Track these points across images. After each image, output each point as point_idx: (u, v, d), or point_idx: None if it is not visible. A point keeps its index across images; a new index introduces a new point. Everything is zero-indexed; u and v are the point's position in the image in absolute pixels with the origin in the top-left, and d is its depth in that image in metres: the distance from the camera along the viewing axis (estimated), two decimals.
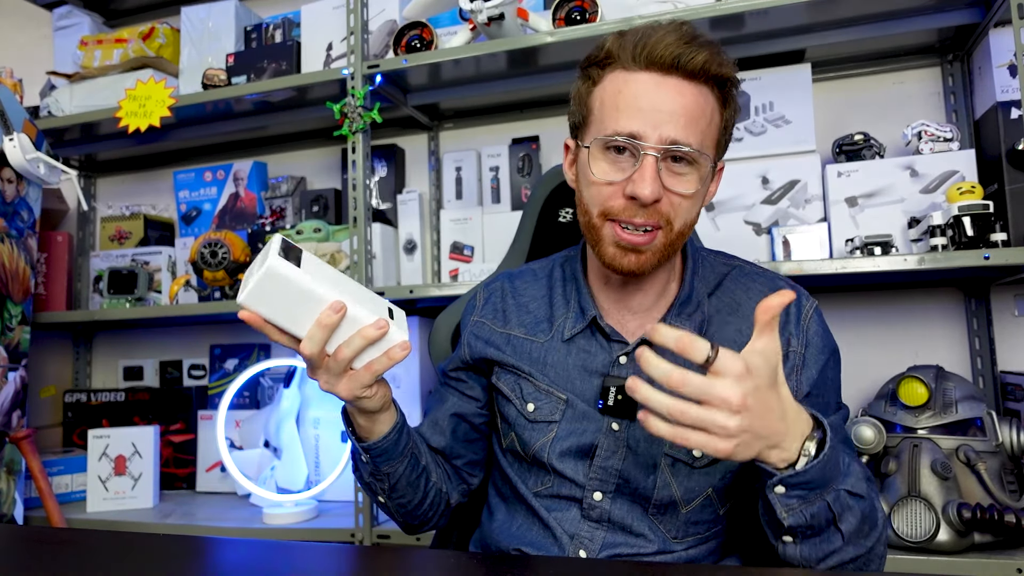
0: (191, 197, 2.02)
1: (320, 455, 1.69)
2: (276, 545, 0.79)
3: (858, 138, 1.42)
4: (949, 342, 1.52)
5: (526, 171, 1.72)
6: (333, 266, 1.64)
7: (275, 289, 0.67)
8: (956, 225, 1.24)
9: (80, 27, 2.00)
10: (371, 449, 0.82)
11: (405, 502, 0.88)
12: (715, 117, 0.80)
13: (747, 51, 1.50)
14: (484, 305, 0.96)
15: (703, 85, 0.78)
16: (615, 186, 0.78)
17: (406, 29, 1.56)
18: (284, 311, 0.69)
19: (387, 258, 1.74)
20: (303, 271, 0.67)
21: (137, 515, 1.65)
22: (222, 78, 1.72)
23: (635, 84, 0.77)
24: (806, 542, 0.71)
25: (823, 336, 0.84)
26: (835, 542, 0.71)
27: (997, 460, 1.19)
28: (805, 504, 0.69)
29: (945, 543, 1.12)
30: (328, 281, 0.70)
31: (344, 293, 0.70)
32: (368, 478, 0.86)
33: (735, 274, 0.89)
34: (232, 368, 1.97)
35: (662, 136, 0.76)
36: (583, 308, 0.88)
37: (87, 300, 2.08)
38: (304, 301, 0.68)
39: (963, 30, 1.44)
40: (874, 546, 0.74)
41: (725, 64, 0.78)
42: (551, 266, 0.96)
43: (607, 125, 0.78)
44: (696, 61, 0.76)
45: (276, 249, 0.67)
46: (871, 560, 0.75)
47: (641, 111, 0.76)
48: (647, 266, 0.79)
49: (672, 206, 0.78)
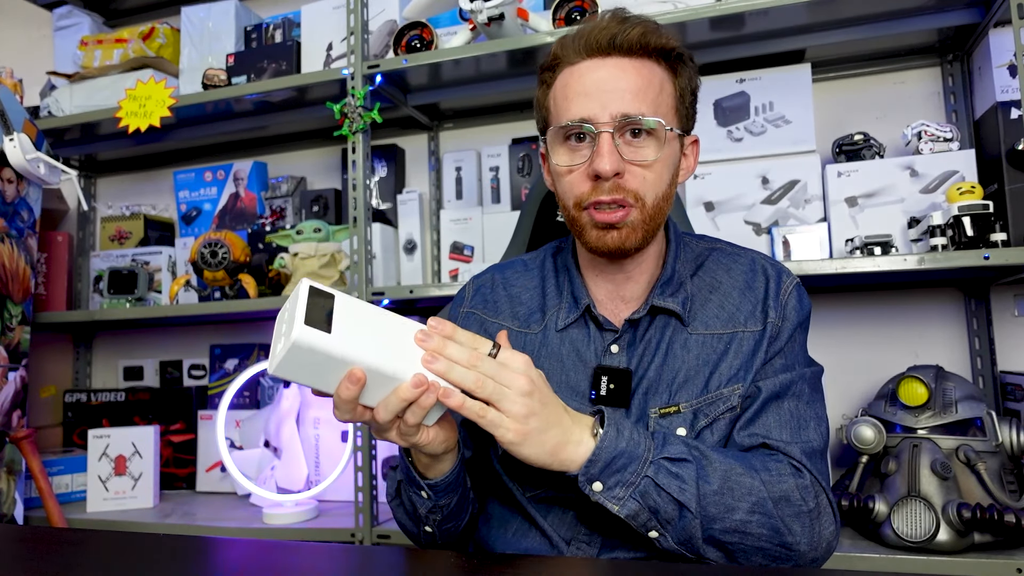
0: (191, 197, 2.01)
1: (320, 455, 1.68)
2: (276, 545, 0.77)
3: (858, 138, 1.42)
4: (949, 342, 1.51)
5: (526, 171, 1.72)
6: (333, 266, 1.66)
7: (304, 359, 0.62)
8: (956, 225, 1.24)
9: (80, 27, 2.00)
10: (435, 486, 0.79)
11: (451, 526, 0.86)
12: (666, 86, 0.82)
13: (747, 51, 1.49)
14: (474, 296, 0.96)
15: (645, 59, 0.80)
16: (578, 171, 0.80)
17: (406, 29, 1.56)
18: (316, 377, 0.65)
19: (387, 258, 1.74)
20: (333, 335, 0.62)
21: (137, 515, 1.65)
22: (222, 78, 1.72)
23: (579, 73, 0.81)
24: (668, 529, 0.72)
25: (798, 311, 0.86)
26: (687, 516, 0.71)
27: (997, 460, 1.19)
28: (628, 488, 0.71)
29: (945, 543, 1.12)
30: (362, 336, 0.64)
31: (381, 347, 0.65)
32: (424, 513, 0.82)
33: (715, 255, 0.91)
34: (232, 368, 1.97)
35: (612, 113, 0.78)
36: (576, 298, 0.88)
37: (87, 300, 2.08)
38: (335, 369, 0.64)
39: (963, 30, 1.43)
40: (754, 514, 0.72)
41: (662, 35, 0.81)
42: (542, 256, 0.97)
43: (561, 116, 0.81)
44: (631, 36, 0.79)
45: (301, 314, 0.61)
46: (766, 531, 0.73)
47: (588, 95, 0.79)
48: (629, 242, 0.81)
49: (638, 179, 0.79)
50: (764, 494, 0.73)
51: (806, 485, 0.75)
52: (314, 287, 0.64)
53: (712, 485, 0.72)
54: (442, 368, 0.67)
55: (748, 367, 0.83)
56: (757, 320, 0.84)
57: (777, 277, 0.87)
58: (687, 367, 0.83)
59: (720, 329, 0.85)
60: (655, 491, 0.71)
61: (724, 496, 0.72)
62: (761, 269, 0.88)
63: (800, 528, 0.74)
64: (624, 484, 0.71)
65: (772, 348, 0.84)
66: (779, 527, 0.73)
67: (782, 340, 0.84)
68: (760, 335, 0.84)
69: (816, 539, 0.75)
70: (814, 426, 0.81)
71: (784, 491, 0.74)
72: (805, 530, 0.74)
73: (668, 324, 0.85)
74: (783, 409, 0.81)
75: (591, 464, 0.71)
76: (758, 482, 0.74)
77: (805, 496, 0.75)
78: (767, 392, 0.81)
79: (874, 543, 1.20)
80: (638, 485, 0.71)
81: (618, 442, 0.71)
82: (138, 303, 1.84)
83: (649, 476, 0.71)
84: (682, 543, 0.73)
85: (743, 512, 0.72)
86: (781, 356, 0.84)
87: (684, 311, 0.85)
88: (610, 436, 0.72)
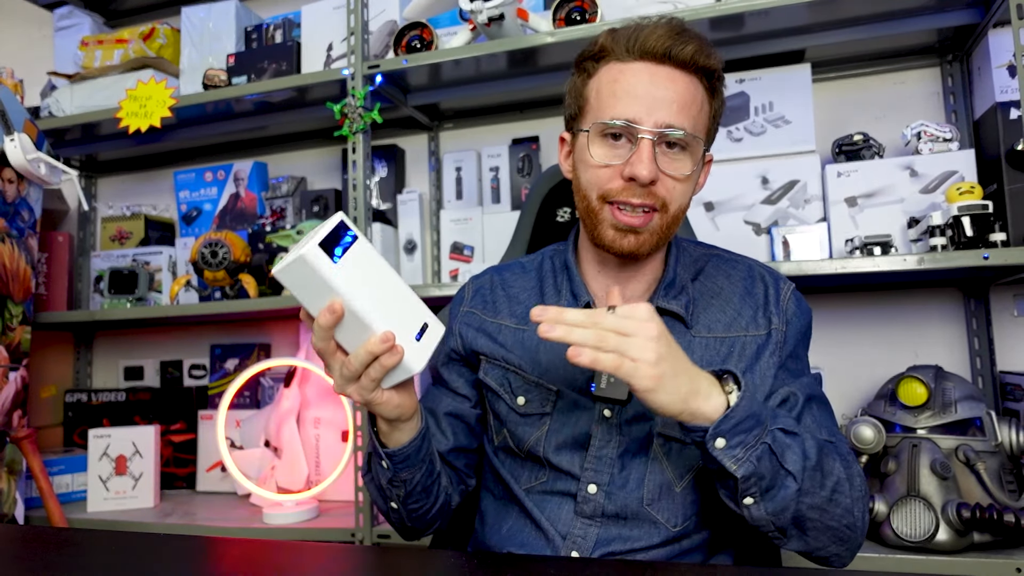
0: (191, 197, 2.01)
1: (320, 455, 1.68)
2: (276, 545, 0.78)
3: (858, 138, 1.42)
4: (948, 342, 1.51)
5: (526, 171, 1.72)
6: None
7: (303, 274, 0.67)
8: (955, 225, 1.24)
9: (81, 27, 1.99)
10: (392, 456, 0.81)
11: (417, 507, 0.87)
12: (704, 106, 0.83)
13: (747, 51, 1.49)
14: (473, 296, 0.97)
15: (692, 75, 0.82)
16: (613, 169, 0.81)
17: (406, 29, 1.55)
18: (306, 295, 0.69)
19: (387, 258, 1.67)
20: (336, 266, 0.67)
21: (137, 515, 1.65)
22: (222, 78, 1.72)
23: (630, 73, 0.81)
24: (766, 498, 0.73)
25: (799, 315, 0.88)
26: (790, 486, 0.72)
27: (996, 460, 1.19)
28: (748, 450, 0.71)
29: (944, 543, 1.12)
30: (361, 279, 0.68)
31: (373, 296, 0.69)
32: (385, 484, 0.85)
33: (715, 261, 0.93)
34: (232, 368, 1.97)
35: (657, 121, 0.79)
36: (576, 295, 0.89)
37: (88, 300, 2.07)
38: (324, 295, 0.68)
39: (962, 30, 1.43)
40: (835, 493, 0.75)
41: (712, 56, 0.82)
42: (540, 259, 0.98)
43: (605, 112, 0.81)
44: (686, 52, 0.80)
45: (319, 236, 0.66)
46: (840, 511, 0.75)
47: (637, 98, 0.80)
48: (645, 247, 0.82)
49: (667, 189, 0.81)
50: (843, 476, 0.76)
51: (860, 473, 0.79)
52: (344, 222, 0.69)
53: (812, 460, 0.74)
54: (561, 333, 0.68)
55: (751, 369, 0.84)
56: (759, 325, 0.86)
57: (775, 283, 0.89)
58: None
59: (723, 333, 0.86)
60: (768, 457, 0.71)
61: (817, 473, 0.74)
62: (759, 276, 0.90)
63: (859, 512, 0.78)
64: (745, 445, 0.71)
65: (783, 351, 0.85)
66: (851, 508, 0.76)
67: (791, 344, 0.86)
68: (764, 339, 0.85)
69: (865, 524, 0.79)
70: (837, 428, 0.85)
71: (851, 475, 0.77)
72: (862, 514, 0.78)
73: (671, 326, 0.86)
74: (814, 412, 0.83)
75: (725, 420, 0.70)
76: (839, 464, 0.76)
77: (861, 483, 0.78)
78: (803, 396, 0.83)
79: (873, 543, 1.19)
80: (756, 448, 0.71)
81: (752, 405, 0.71)
82: (139, 303, 1.84)
83: (767, 443, 0.71)
84: (774, 513, 0.73)
85: (828, 490, 0.74)
86: (797, 361, 0.87)
87: (687, 314, 0.87)
88: (747, 396, 0.71)
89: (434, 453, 0.87)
